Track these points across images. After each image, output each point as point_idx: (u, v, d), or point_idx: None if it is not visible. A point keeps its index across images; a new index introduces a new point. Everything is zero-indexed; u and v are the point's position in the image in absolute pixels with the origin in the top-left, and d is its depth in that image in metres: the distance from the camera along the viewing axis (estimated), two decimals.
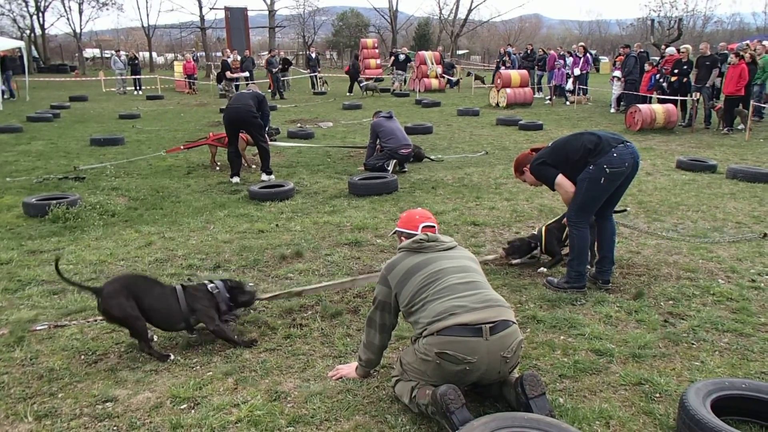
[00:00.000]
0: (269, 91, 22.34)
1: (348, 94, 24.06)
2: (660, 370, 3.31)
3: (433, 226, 3.33)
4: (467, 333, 2.70)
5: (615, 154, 4.16)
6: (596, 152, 4.19)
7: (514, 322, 2.84)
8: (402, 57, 24.58)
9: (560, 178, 4.36)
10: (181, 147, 10.19)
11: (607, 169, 4.15)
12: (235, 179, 8.56)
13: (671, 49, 15.36)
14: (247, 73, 19.87)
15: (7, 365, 3.49)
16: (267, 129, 8.99)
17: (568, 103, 19.39)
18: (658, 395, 3.06)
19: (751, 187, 7.83)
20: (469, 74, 26.90)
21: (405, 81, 24.25)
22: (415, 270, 2.97)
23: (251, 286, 4.17)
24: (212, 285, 3.78)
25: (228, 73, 15.98)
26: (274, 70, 22.67)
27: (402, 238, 3.32)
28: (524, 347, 3.47)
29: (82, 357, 3.58)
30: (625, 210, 6.26)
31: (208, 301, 3.70)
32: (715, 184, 8.06)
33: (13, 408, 3.05)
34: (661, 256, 5.21)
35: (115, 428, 2.86)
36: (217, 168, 9.41)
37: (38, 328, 3.94)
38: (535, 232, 5.18)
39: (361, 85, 23.57)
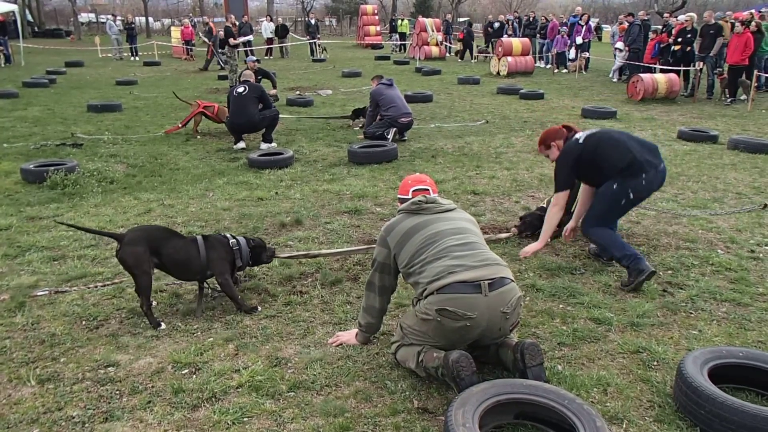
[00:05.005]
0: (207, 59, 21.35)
1: (459, 60, 24.55)
2: (658, 339, 3.34)
3: (427, 189, 3.31)
4: (466, 289, 2.74)
5: (644, 183, 4.03)
6: (626, 173, 4.03)
7: (512, 280, 2.87)
8: (497, 25, 24.66)
9: (561, 197, 4.20)
10: (179, 125, 10.02)
11: (631, 195, 4.05)
12: (240, 144, 8.52)
13: (682, 17, 15.07)
14: (251, 37, 19.49)
15: (8, 330, 3.51)
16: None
17: (567, 71, 19.17)
18: (655, 363, 3.10)
19: (752, 158, 7.80)
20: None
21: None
22: (414, 231, 3.00)
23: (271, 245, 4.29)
24: (234, 240, 3.80)
25: (231, 41, 15.67)
26: (211, 40, 21.40)
27: (401, 203, 3.35)
28: (523, 305, 3.48)
29: (84, 322, 3.60)
30: None
31: (225, 253, 3.74)
32: (716, 155, 8.02)
33: (16, 372, 3.07)
34: (661, 227, 5.22)
35: (117, 392, 2.89)
36: (198, 136, 9.33)
37: (39, 293, 3.96)
38: (544, 204, 5.05)
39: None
